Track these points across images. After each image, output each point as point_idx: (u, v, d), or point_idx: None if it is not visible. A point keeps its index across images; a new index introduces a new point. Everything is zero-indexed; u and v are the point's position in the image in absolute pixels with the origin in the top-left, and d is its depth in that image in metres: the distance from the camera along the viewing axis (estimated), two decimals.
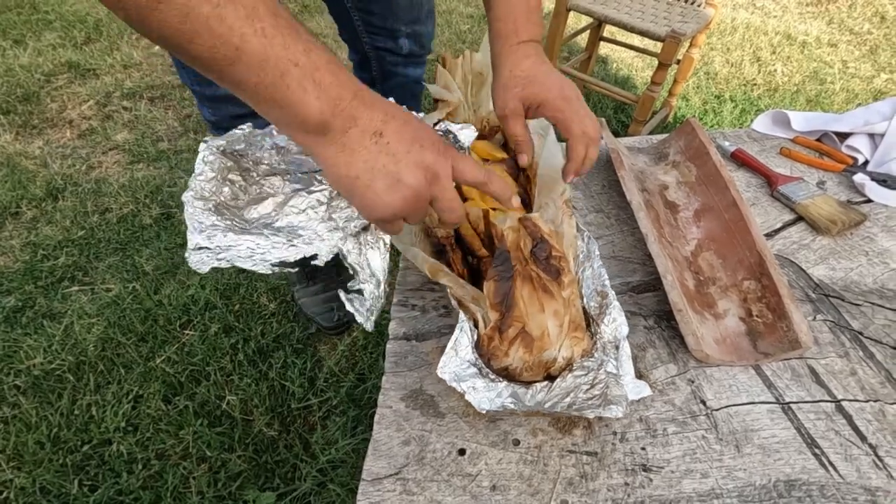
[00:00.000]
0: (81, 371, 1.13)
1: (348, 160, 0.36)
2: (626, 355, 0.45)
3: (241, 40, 0.30)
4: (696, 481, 0.43)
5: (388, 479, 0.43)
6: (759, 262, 0.55)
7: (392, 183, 0.37)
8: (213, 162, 0.47)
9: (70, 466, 0.97)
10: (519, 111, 0.52)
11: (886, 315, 0.55)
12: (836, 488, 0.42)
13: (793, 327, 0.50)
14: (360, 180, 0.37)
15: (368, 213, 0.39)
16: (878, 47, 2.41)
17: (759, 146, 0.79)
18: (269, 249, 0.44)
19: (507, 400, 0.40)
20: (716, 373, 0.50)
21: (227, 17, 0.29)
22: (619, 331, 0.44)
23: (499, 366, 0.43)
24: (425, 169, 0.38)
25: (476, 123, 0.72)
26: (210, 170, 0.47)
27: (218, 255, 0.43)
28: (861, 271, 0.59)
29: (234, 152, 0.49)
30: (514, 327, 0.43)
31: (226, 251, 0.43)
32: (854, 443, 0.45)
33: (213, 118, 0.90)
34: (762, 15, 2.69)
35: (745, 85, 2.12)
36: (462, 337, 0.43)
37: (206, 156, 0.47)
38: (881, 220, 0.66)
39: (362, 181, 0.37)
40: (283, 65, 0.31)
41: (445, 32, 2.46)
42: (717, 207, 0.63)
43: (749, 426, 0.46)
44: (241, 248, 0.44)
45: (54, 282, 1.31)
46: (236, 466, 0.98)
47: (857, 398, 0.48)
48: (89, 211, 1.50)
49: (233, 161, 0.49)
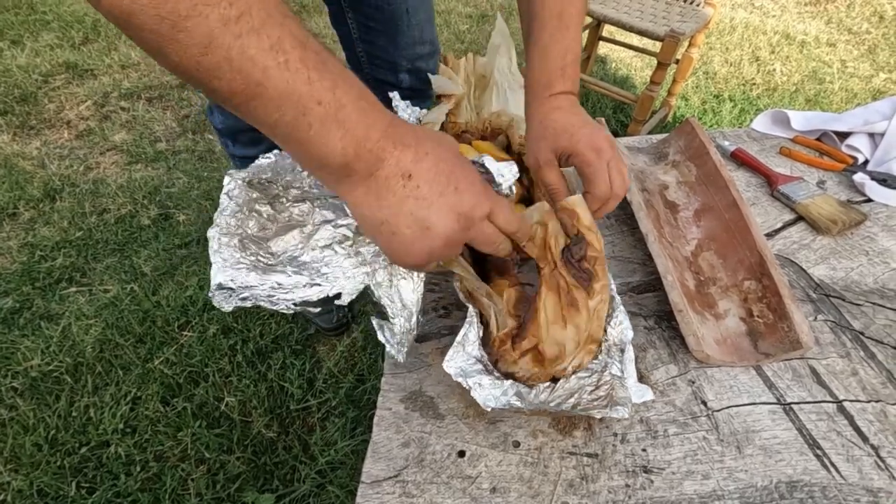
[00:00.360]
0: (79, 372, 1.12)
1: (374, 203, 0.33)
2: (629, 358, 0.44)
3: (264, 74, 0.27)
4: (697, 483, 0.42)
5: (388, 481, 0.42)
6: (760, 262, 0.54)
7: (420, 231, 0.34)
8: (237, 195, 0.46)
9: (68, 468, 0.97)
10: (552, 161, 0.49)
11: (887, 315, 0.55)
12: (838, 489, 0.42)
13: (794, 327, 0.49)
14: (386, 226, 0.34)
15: (394, 259, 0.36)
16: (877, 47, 2.41)
17: (759, 146, 0.79)
18: (291, 289, 0.43)
19: (513, 398, 0.40)
20: (717, 373, 0.50)
21: (250, 49, 0.27)
22: (625, 334, 0.44)
23: (505, 370, 0.43)
24: (459, 214, 0.35)
25: (478, 125, 0.71)
26: (235, 203, 0.45)
27: (241, 295, 0.42)
28: (862, 271, 0.59)
29: (260, 182, 0.48)
30: (529, 341, 0.42)
31: (248, 290, 0.42)
32: (856, 443, 0.45)
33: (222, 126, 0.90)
34: (761, 14, 2.69)
35: (744, 84, 2.12)
36: (470, 332, 0.42)
37: (230, 189, 0.46)
38: (881, 219, 0.65)
39: (387, 227, 0.34)
40: (304, 102, 0.29)
41: (444, 32, 2.46)
42: (717, 207, 0.63)
43: (750, 427, 0.46)
44: (264, 287, 0.42)
45: (52, 283, 1.31)
46: (235, 468, 0.98)
47: (858, 399, 0.48)
48: (87, 212, 1.50)
49: (259, 191, 0.47)
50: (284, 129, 0.30)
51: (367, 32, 0.91)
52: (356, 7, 0.88)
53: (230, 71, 0.27)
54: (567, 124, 0.48)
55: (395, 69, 0.94)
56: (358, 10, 0.88)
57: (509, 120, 0.69)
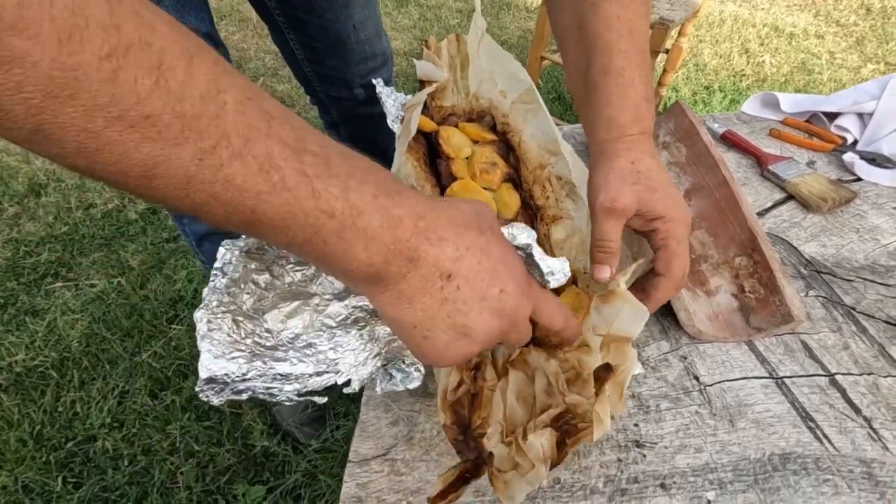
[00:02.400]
0: (65, 367, 1.10)
1: (406, 306, 0.29)
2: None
3: (257, 200, 0.23)
4: (689, 456, 0.42)
5: (376, 459, 0.41)
6: (751, 238, 0.54)
7: (458, 337, 0.30)
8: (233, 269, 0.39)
9: (54, 464, 0.95)
10: (628, 210, 0.41)
11: (878, 290, 0.55)
12: (832, 461, 0.42)
13: (785, 301, 0.49)
14: (418, 330, 0.30)
15: (423, 360, 0.33)
16: (864, 38, 2.43)
17: (749, 128, 0.79)
18: (295, 379, 0.37)
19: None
20: (709, 349, 0.49)
21: (235, 178, 0.23)
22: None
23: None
24: (502, 318, 0.31)
25: (465, 106, 0.71)
26: (229, 278, 0.39)
27: (235, 388, 0.36)
28: (852, 248, 0.59)
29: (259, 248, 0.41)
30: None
31: (244, 382, 0.36)
32: (848, 416, 0.45)
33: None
34: (750, 7, 2.70)
35: (734, 76, 2.12)
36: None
37: (226, 262, 0.40)
38: (871, 197, 0.65)
39: (419, 331, 0.30)
40: (313, 220, 0.25)
41: (435, 27, 2.45)
42: (707, 186, 0.62)
43: (743, 401, 0.45)
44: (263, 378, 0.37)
45: (37, 278, 1.29)
46: (225, 460, 0.97)
47: (850, 372, 0.48)
48: (73, 206, 1.48)
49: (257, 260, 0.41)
50: (297, 249, 0.26)
51: (314, 53, 0.87)
52: (298, 28, 0.83)
53: (221, 206, 0.23)
54: (663, 181, 0.41)
55: (349, 85, 0.91)
56: (300, 31, 0.84)
57: (488, 102, 0.69)
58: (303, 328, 0.39)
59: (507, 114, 0.66)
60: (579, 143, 0.74)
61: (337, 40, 0.84)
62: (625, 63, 0.42)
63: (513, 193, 0.59)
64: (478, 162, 0.61)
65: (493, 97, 0.69)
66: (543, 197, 0.58)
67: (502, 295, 0.30)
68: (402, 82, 2.05)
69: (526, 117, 0.64)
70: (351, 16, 0.82)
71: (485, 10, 2.59)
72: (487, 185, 0.60)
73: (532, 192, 0.59)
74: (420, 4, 2.61)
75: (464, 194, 0.57)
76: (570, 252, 0.53)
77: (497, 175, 0.61)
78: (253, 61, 2.13)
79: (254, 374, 0.36)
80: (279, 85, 2.01)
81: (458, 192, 0.57)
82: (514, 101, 0.66)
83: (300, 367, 0.38)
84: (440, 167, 0.62)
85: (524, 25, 2.44)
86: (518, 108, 0.65)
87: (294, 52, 0.88)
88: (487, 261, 0.30)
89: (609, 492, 0.40)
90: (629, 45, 0.42)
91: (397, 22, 2.47)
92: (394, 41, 2.32)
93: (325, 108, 1.00)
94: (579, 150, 0.64)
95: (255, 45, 2.22)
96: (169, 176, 0.22)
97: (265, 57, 2.15)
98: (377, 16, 0.88)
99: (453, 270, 0.29)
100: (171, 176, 0.22)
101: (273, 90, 1.98)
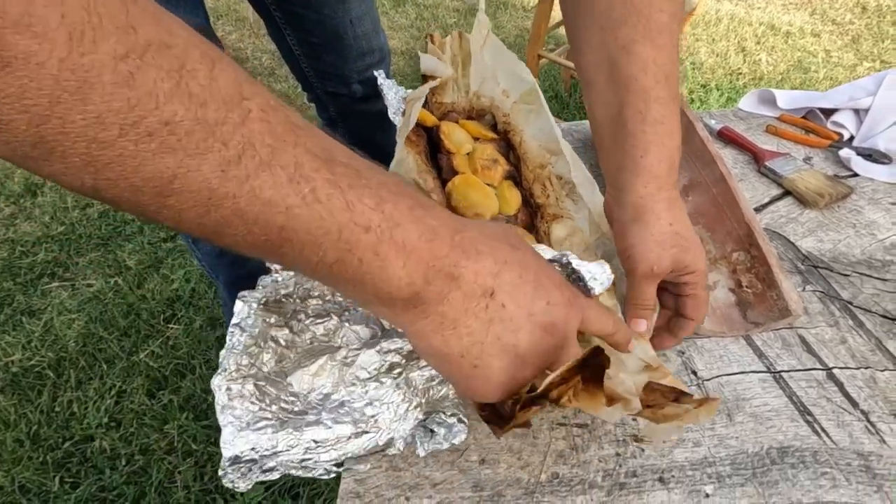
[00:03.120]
0: (62, 367, 1.10)
1: (450, 333, 0.27)
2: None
3: (287, 215, 0.21)
4: (688, 450, 0.42)
5: (374, 455, 0.41)
6: (748, 233, 0.54)
7: (510, 360, 0.28)
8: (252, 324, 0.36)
9: (51, 464, 0.95)
10: (666, 273, 0.41)
11: (875, 285, 0.55)
12: (829, 454, 0.42)
13: (782, 296, 0.49)
14: (466, 359, 0.28)
15: (470, 394, 0.30)
16: (860, 37, 2.44)
17: (746, 125, 0.79)
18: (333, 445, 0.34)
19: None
20: (706, 344, 0.49)
21: (263, 190, 0.21)
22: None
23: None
24: (554, 334, 0.29)
25: (465, 104, 0.71)
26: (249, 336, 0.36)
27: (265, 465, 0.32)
28: (849, 243, 0.59)
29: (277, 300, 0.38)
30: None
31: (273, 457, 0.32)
32: (846, 409, 0.45)
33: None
34: (746, 6, 2.71)
35: (731, 74, 2.13)
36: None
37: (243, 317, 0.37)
38: (867, 192, 0.66)
39: (468, 361, 0.28)
40: (347, 234, 0.23)
41: (432, 26, 2.45)
42: (704, 182, 0.62)
43: (741, 395, 0.45)
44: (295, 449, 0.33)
45: (34, 278, 1.29)
46: None
47: (847, 366, 0.48)
48: (69, 206, 1.47)
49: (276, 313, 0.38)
50: (328, 272, 0.24)
51: (311, 48, 0.86)
52: (294, 24, 0.83)
53: (244, 224, 0.21)
54: (694, 239, 0.42)
55: (347, 81, 0.90)
56: (297, 27, 0.83)
57: (489, 100, 0.69)
58: (332, 386, 0.35)
59: (509, 113, 0.67)
60: (576, 140, 0.74)
61: (334, 36, 0.84)
62: (664, 112, 0.40)
63: (514, 190, 0.60)
64: (479, 158, 0.61)
65: (496, 96, 0.69)
66: (544, 195, 0.58)
67: (550, 307, 0.28)
68: (400, 81, 2.04)
69: (528, 118, 0.64)
70: (348, 11, 0.82)
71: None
72: (489, 181, 0.60)
73: (532, 191, 0.59)
74: (417, 4, 2.61)
75: (466, 188, 0.57)
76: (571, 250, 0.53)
77: (498, 172, 0.61)
78: (250, 61, 2.12)
79: (284, 444, 0.33)
80: (276, 84, 2.01)
81: (459, 186, 0.57)
82: (517, 101, 0.66)
83: (336, 430, 0.34)
84: (441, 162, 0.62)
85: (521, 24, 2.45)
86: (520, 107, 0.66)
87: (291, 49, 0.88)
88: (527, 273, 0.28)
89: (608, 486, 0.40)
90: (666, 91, 0.40)
91: (394, 21, 2.47)
92: (391, 40, 2.32)
93: (322, 105, 1.00)
94: (577, 148, 0.64)
95: (251, 44, 2.22)
96: (188, 191, 0.20)
97: (262, 56, 2.15)
98: (374, 11, 0.88)
99: (495, 286, 0.27)
100: (190, 191, 0.20)
101: (270, 89, 1.98)
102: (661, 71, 0.40)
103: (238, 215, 0.21)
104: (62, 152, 0.18)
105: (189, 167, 0.19)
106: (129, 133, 0.18)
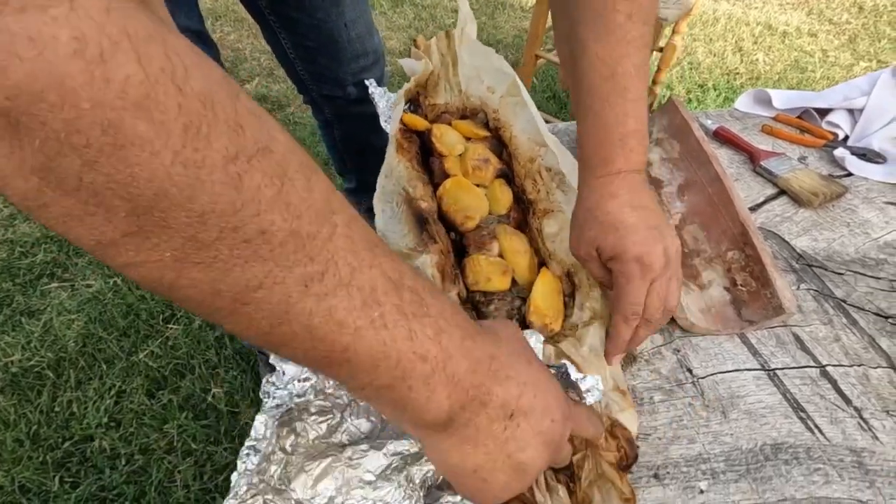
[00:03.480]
0: (61, 367, 1.10)
1: (469, 451, 0.27)
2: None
3: (354, 337, 0.21)
4: (683, 447, 0.42)
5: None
6: (743, 231, 0.55)
7: (515, 475, 0.29)
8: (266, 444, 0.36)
9: (50, 464, 0.95)
10: (591, 256, 0.44)
11: (868, 283, 0.55)
12: (823, 450, 0.42)
13: (777, 294, 0.49)
14: (478, 474, 0.28)
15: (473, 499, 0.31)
16: (857, 36, 2.44)
17: (741, 124, 0.79)
18: None
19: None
20: (701, 342, 0.50)
21: (338, 311, 0.20)
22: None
23: None
24: (554, 449, 0.30)
25: (458, 103, 0.71)
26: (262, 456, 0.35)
27: None
28: (843, 241, 0.60)
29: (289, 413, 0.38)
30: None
31: None
32: (839, 406, 0.45)
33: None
34: (743, 6, 2.71)
35: (728, 74, 2.14)
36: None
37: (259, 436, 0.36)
38: (861, 192, 0.66)
39: (479, 475, 0.28)
40: (405, 362, 0.23)
41: (430, 26, 2.45)
42: (700, 182, 0.63)
43: (735, 392, 0.46)
44: None
45: (33, 279, 1.29)
46: (223, 459, 0.97)
47: (841, 363, 0.48)
48: None
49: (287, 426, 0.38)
50: (373, 393, 0.24)
51: (306, 52, 0.87)
52: (289, 27, 0.84)
53: (310, 340, 0.21)
54: (617, 221, 0.41)
55: (342, 84, 0.91)
56: (291, 31, 0.84)
57: (479, 99, 0.69)
58: (336, 489, 0.35)
59: (497, 109, 0.67)
60: (573, 139, 0.74)
61: (328, 38, 0.84)
62: (601, 105, 0.42)
63: (505, 189, 0.60)
64: (470, 159, 0.61)
65: (482, 94, 0.69)
66: (535, 191, 0.59)
67: (553, 424, 0.29)
68: (398, 82, 2.05)
69: (515, 111, 0.65)
70: (342, 14, 0.83)
71: (480, 9, 2.59)
72: (480, 181, 0.60)
73: (524, 187, 0.60)
74: (415, 4, 2.61)
75: (456, 191, 0.58)
76: (562, 245, 0.53)
77: (490, 171, 0.61)
78: (248, 61, 2.12)
79: None
80: (274, 85, 2.01)
81: (450, 189, 0.58)
82: (503, 96, 0.67)
83: None
84: (433, 165, 0.62)
85: (519, 25, 2.45)
86: (507, 101, 0.66)
87: (286, 52, 0.88)
88: (540, 392, 0.29)
89: None
90: (611, 87, 0.42)
91: (392, 21, 2.47)
92: (389, 41, 2.32)
93: (318, 107, 1.00)
94: (573, 149, 0.64)
95: (250, 45, 2.22)
96: (268, 302, 0.19)
97: (261, 57, 2.15)
98: (368, 14, 0.89)
99: (516, 409, 0.28)
100: (270, 302, 0.19)
101: (268, 90, 1.98)
102: (607, 68, 0.42)
103: (308, 331, 0.20)
104: (154, 245, 0.17)
105: (275, 279, 0.19)
106: (227, 237, 0.17)
